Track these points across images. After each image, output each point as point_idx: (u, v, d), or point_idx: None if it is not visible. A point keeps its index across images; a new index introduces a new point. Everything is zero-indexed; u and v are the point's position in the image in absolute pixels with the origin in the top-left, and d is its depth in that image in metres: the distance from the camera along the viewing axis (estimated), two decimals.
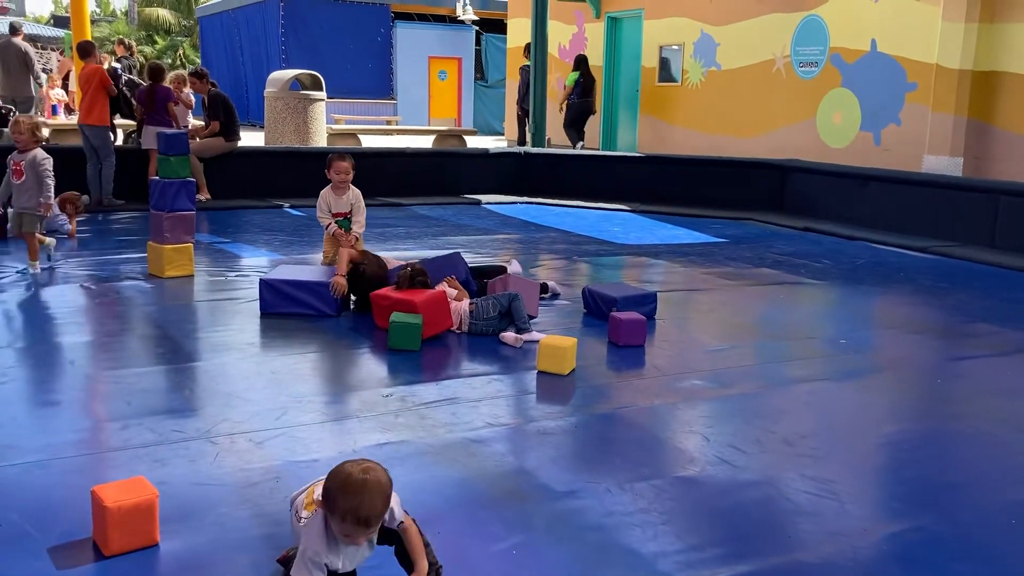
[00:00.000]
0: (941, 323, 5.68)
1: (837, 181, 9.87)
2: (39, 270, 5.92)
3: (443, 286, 4.90)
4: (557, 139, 14.50)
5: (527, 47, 14.91)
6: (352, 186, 5.94)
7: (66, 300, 5.34)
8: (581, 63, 14.08)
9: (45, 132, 7.74)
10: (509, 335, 4.67)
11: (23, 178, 5.87)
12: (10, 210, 6.16)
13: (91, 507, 2.49)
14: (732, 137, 13.42)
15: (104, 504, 2.39)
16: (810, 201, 10.06)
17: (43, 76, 14.43)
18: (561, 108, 14.12)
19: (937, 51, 10.48)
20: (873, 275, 7.04)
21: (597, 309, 5.24)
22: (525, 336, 4.65)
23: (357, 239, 5.87)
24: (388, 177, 10.86)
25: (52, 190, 5.94)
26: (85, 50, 9.22)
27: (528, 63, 14.33)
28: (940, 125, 10.51)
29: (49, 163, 5.92)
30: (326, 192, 5.89)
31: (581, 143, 13.85)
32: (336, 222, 5.88)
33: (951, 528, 2.79)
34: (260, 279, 5.17)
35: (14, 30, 14.41)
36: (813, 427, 3.67)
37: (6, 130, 10.02)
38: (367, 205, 9.99)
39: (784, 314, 5.83)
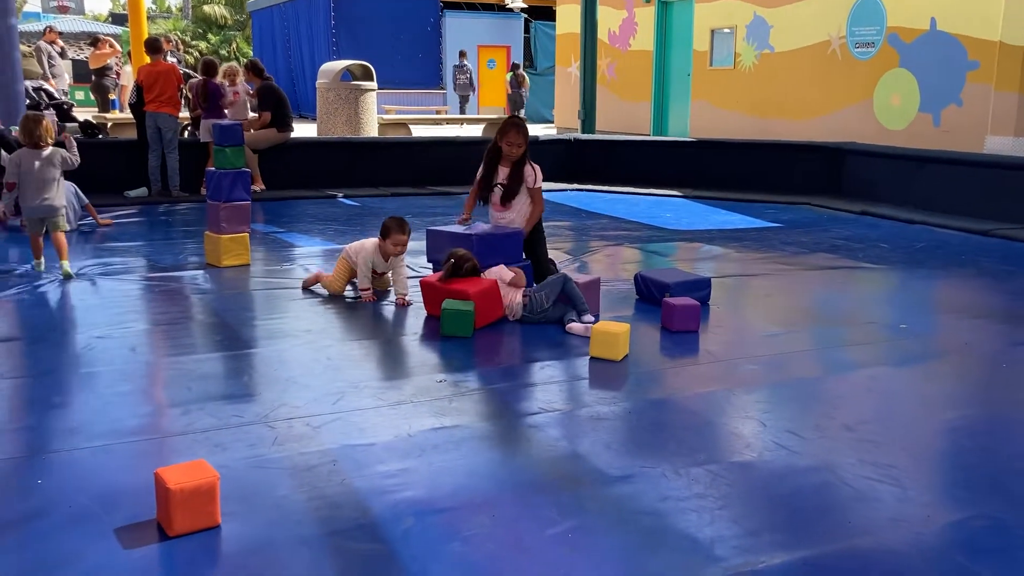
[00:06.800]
0: (1005, 307, 5.52)
1: (895, 163, 9.65)
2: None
3: (497, 271, 4.88)
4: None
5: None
6: None
7: (126, 289, 5.46)
8: (515, 67, 21.29)
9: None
10: (577, 326, 4.57)
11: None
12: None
13: (155, 489, 2.54)
14: (786, 120, 13.21)
15: (167, 486, 2.45)
16: (867, 184, 9.86)
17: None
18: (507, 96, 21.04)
19: (1000, 28, 10.17)
20: (934, 259, 6.88)
21: (650, 295, 5.20)
22: (587, 319, 4.62)
23: (405, 300, 5.14)
24: (438, 166, 10.91)
25: None
26: (154, 47, 9.50)
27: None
28: (1004, 104, 10.22)
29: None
30: (374, 252, 5.21)
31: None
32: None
33: (1018, 516, 2.71)
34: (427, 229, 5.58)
35: None
36: (873, 413, 3.60)
37: (70, 125, 10.31)
38: (416, 195, 10.13)
39: (842, 299, 5.73)
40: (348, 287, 5.35)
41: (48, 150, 5.83)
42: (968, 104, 10.79)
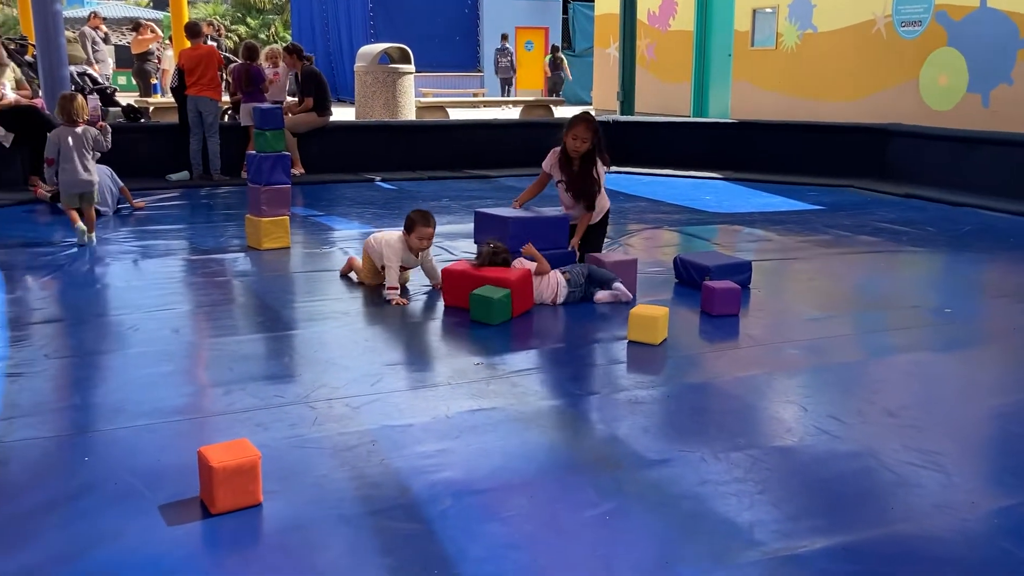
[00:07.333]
0: None
1: (942, 145, 9.45)
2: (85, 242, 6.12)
3: (518, 264, 4.82)
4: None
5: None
6: None
7: (169, 271, 5.54)
8: (554, 50, 22.02)
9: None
10: (603, 294, 4.75)
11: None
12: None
13: (198, 467, 2.58)
14: (829, 102, 12.99)
15: (210, 464, 2.48)
16: (913, 167, 9.66)
17: None
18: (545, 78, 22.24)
19: None
20: (981, 242, 6.73)
21: (689, 278, 5.16)
22: (616, 287, 4.77)
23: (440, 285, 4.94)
24: (476, 149, 10.90)
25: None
26: (194, 31, 9.59)
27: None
28: None
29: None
30: (401, 248, 4.88)
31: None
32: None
33: None
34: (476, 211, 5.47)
35: None
36: (916, 398, 3.54)
37: (113, 110, 10.46)
38: (454, 178, 10.12)
39: (885, 283, 5.63)
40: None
41: (83, 127, 6.26)
42: (1019, 83, 10.51)
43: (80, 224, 6.15)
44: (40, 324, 4.38)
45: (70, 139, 6.20)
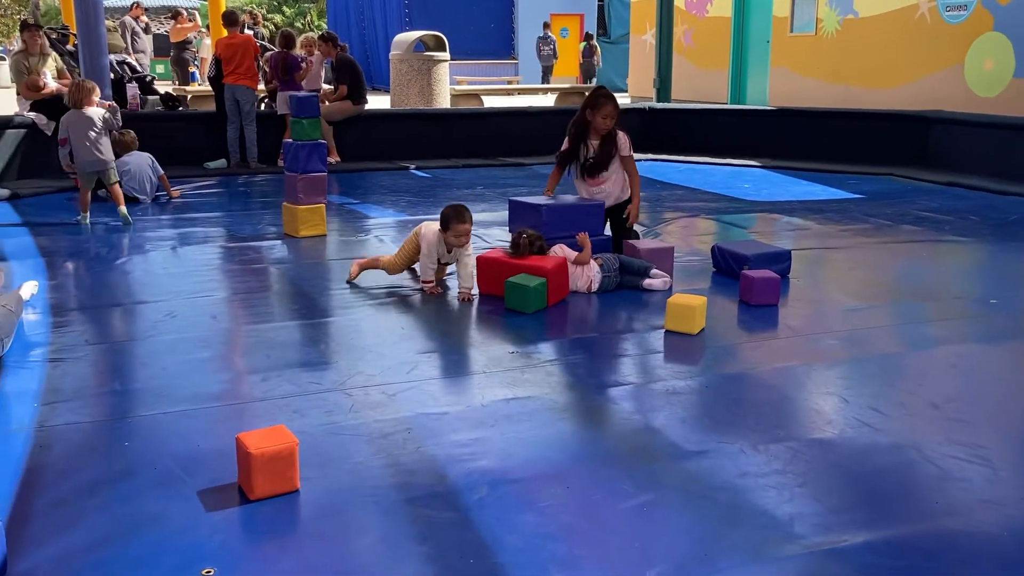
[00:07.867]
0: None
1: (987, 132, 9.24)
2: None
3: (560, 250, 4.78)
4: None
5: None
6: None
7: (207, 258, 5.59)
8: (588, 37, 22.34)
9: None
10: (655, 282, 4.78)
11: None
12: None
13: (236, 453, 2.60)
14: (870, 88, 12.77)
15: (248, 450, 2.49)
16: (956, 154, 9.46)
17: None
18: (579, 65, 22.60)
19: None
20: None
21: (728, 267, 5.10)
22: (655, 273, 4.81)
23: (469, 295, 4.69)
24: (510, 137, 10.86)
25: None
26: (231, 20, 9.65)
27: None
28: None
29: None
30: (438, 242, 4.71)
31: None
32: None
33: None
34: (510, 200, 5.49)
35: None
36: (961, 390, 3.47)
37: (151, 98, 10.55)
38: (488, 166, 10.10)
39: (927, 273, 5.53)
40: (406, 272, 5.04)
41: (89, 111, 6.53)
42: None
43: (86, 212, 6.57)
44: (80, 310, 4.44)
45: (80, 124, 6.49)
